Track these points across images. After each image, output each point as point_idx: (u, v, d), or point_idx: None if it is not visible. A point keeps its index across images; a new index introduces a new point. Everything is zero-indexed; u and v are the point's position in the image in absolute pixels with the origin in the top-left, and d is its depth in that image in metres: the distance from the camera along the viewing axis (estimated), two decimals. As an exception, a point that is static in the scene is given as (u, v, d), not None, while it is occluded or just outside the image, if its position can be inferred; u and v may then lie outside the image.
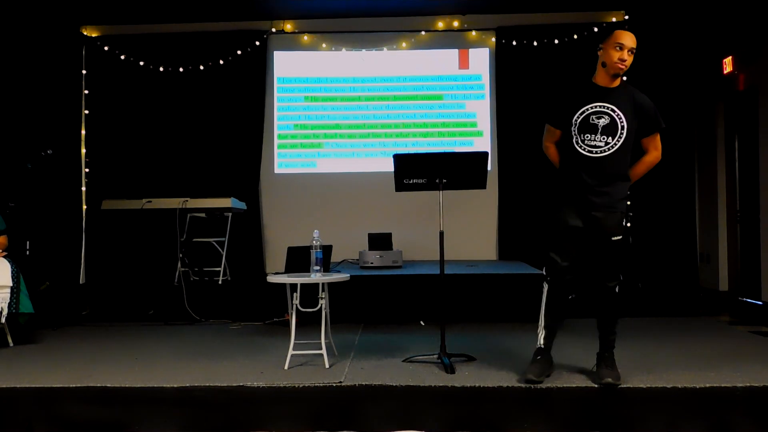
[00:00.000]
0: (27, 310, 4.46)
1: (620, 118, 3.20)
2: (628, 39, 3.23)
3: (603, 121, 3.19)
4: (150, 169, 6.93)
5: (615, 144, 3.20)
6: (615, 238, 3.22)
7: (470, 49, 7.24)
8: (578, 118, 3.22)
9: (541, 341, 3.31)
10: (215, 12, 6.89)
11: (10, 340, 4.42)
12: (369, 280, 5.47)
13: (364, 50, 7.25)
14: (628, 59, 3.22)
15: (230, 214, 6.08)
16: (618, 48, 3.21)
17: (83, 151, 6.98)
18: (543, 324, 3.31)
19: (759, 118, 6.24)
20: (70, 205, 6.75)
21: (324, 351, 3.63)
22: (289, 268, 4.15)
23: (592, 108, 3.21)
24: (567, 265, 3.25)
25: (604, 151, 3.19)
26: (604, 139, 3.19)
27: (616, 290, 3.25)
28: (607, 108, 3.21)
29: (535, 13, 6.97)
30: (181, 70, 7.02)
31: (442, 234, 3.79)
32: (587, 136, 3.20)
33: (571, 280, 3.27)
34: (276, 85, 7.28)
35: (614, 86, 3.28)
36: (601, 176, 3.21)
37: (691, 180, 6.76)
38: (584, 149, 3.21)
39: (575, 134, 3.23)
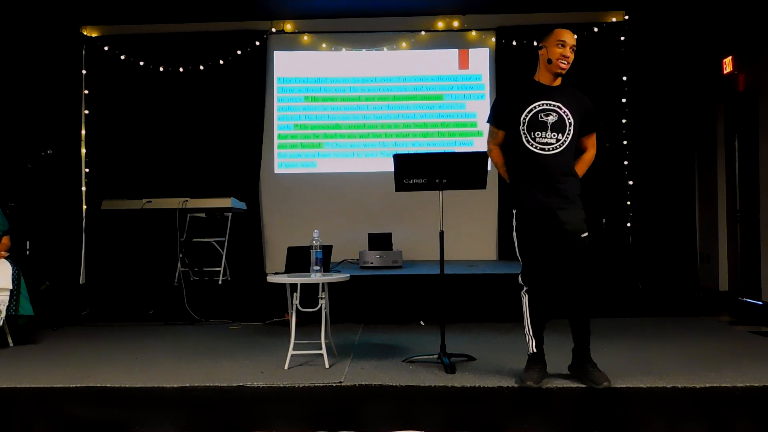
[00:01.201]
0: (27, 312, 4.46)
1: (567, 115, 3.21)
2: (569, 36, 3.24)
3: (551, 119, 3.20)
4: (150, 169, 6.94)
5: (565, 140, 3.20)
6: (583, 235, 3.20)
7: (470, 49, 7.24)
8: (526, 116, 3.22)
9: (533, 348, 3.28)
10: (215, 12, 6.90)
11: (10, 341, 4.42)
12: (369, 280, 5.47)
13: (364, 50, 7.25)
14: (570, 56, 3.24)
15: (230, 214, 6.08)
16: (560, 45, 3.22)
17: (83, 151, 6.99)
18: (531, 333, 3.29)
19: (759, 118, 6.23)
20: (70, 205, 6.75)
21: (324, 351, 3.63)
22: (289, 268, 4.15)
23: (539, 106, 3.22)
24: (542, 271, 3.23)
25: (556, 148, 3.19)
26: (554, 135, 3.19)
27: (589, 294, 3.23)
28: (554, 105, 3.22)
29: (535, 13, 6.97)
30: (181, 70, 7.02)
31: (442, 234, 3.79)
32: (538, 134, 3.20)
33: (550, 285, 3.25)
34: (276, 85, 7.28)
35: (557, 85, 3.29)
36: (556, 173, 3.20)
37: (691, 180, 6.76)
38: (536, 147, 3.20)
39: (524, 133, 3.22)
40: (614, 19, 6.86)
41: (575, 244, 3.19)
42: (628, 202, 6.65)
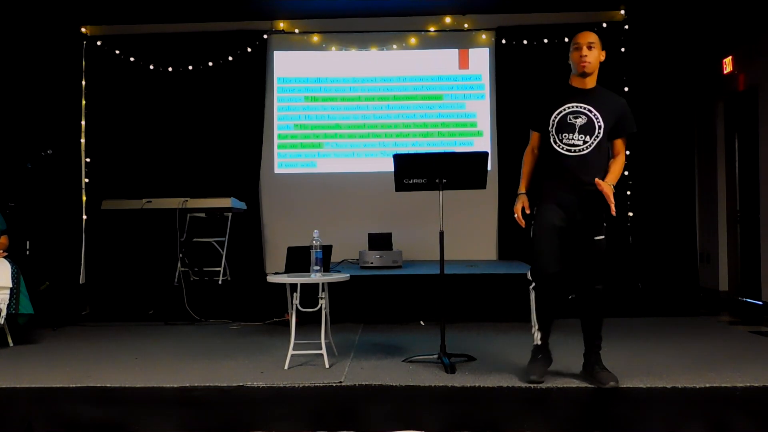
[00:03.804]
0: (26, 311, 4.46)
1: (597, 118, 3.25)
2: (582, 37, 3.32)
3: (580, 121, 3.24)
4: (150, 169, 6.93)
5: (592, 143, 3.23)
6: (597, 238, 3.23)
7: (470, 49, 7.24)
8: (556, 117, 3.27)
9: (538, 340, 3.34)
10: (215, 12, 6.89)
11: (10, 340, 4.42)
12: (369, 280, 5.47)
13: (364, 50, 7.25)
14: (589, 54, 3.28)
15: (230, 214, 6.08)
16: (576, 48, 3.30)
17: (83, 151, 6.98)
18: (537, 326, 3.34)
19: (759, 118, 6.24)
20: (70, 205, 6.74)
21: (324, 351, 3.63)
22: (289, 268, 4.15)
23: (569, 108, 3.27)
24: (553, 267, 3.25)
25: (582, 149, 3.23)
26: (582, 137, 3.23)
27: (603, 292, 3.25)
28: (584, 108, 3.27)
29: (535, 13, 6.96)
30: (181, 70, 7.02)
31: (442, 234, 3.79)
32: (565, 135, 3.24)
33: (558, 282, 3.27)
34: (276, 85, 7.28)
35: (590, 88, 3.33)
36: (580, 175, 3.23)
37: (691, 180, 6.76)
38: (563, 148, 3.25)
39: (553, 134, 3.27)
40: (614, 19, 6.86)
41: (588, 245, 3.22)
42: (628, 202, 6.65)
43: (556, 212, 3.25)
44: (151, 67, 7.02)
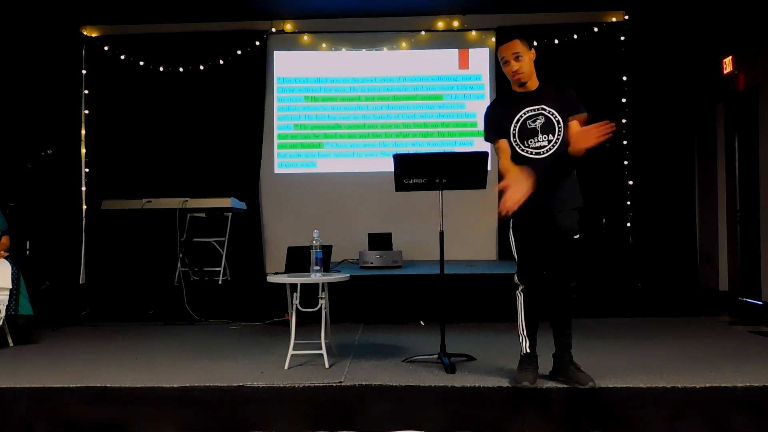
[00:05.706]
0: (26, 312, 4.46)
1: (553, 114, 3.22)
2: (506, 50, 3.27)
3: (539, 122, 3.22)
4: (150, 169, 6.94)
5: (557, 140, 3.20)
6: (575, 237, 3.22)
7: (470, 49, 7.24)
8: (515, 127, 3.24)
9: (527, 349, 3.27)
10: (215, 12, 6.89)
11: (10, 340, 4.42)
12: (369, 280, 5.47)
13: (364, 50, 7.25)
14: (518, 65, 3.23)
15: (230, 214, 6.08)
16: (505, 63, 3.27)
17: (83, 151, 6.98)
18: (525, 333, 3.28)
19: (759, 118, 6.24)
20: (70, 205, 6.75)
21: (324, 351, 3.63)
22: (289, 268, 4.14)
23: (525, 114, 3.24)
24: (538, 270, 3.24)
25: (550, 149, 3.20)
26: (546, 137, 3.20)
27: (574, 289, 3.24)
28: (538, 109, 3.23)
29: (535, 13, 6.96)
30: (181, 70, 7.02)
31: (442, 234, 3.79)
32: (531, 141, 3.21)
33: (544, 283, 3.25)
34: (276, 85, 7.28)
35: (535, 88, 3.30)
36: (553, 176, 3.21)
37: (691, 180, 6.76)
38: (531, 153, 3.21)
39: (517, 143, 3.24)
40: (614, 19, 6.86)
41: (566, 244, 3.21)
42: (628, 202, 6.65)
43: (535, 216, 3.21)
44: (151, 67, 7.02)
